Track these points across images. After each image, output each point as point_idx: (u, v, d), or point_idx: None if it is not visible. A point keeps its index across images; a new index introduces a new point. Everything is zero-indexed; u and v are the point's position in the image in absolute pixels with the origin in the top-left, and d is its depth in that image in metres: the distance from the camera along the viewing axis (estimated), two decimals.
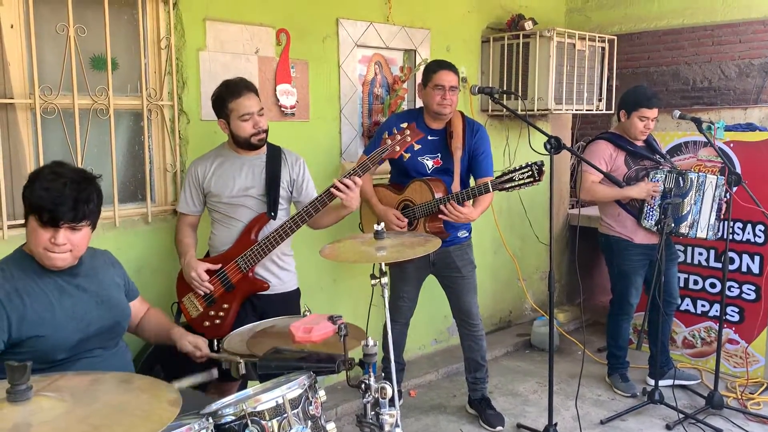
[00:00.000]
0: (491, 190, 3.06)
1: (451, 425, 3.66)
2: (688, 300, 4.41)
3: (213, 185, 2.88)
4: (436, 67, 3.30)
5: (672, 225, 3.66)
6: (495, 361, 4.52)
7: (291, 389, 1.83)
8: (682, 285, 4.37)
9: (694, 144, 4.34)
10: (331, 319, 2.16)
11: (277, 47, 3.54)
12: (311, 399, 1.89)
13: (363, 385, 2.01)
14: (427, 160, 3.35)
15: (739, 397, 3.87)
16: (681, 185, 3.64)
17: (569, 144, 5.29)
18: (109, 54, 2.95)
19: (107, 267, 2.29)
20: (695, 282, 4.39)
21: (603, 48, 4.76)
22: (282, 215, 2.93)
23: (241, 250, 2.83)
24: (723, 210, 3.69)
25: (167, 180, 3.26)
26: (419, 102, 4.24)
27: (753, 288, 4.13)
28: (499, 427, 3.56)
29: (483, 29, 4.66)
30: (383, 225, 2.50)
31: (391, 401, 2.03)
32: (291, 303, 3.00)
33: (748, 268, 4.14)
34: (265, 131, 2.86)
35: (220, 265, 2.84)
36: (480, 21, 4.63)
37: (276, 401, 1.80)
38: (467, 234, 3.54)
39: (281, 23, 3.53)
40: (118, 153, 3.08)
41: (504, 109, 3.58)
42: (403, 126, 2.72)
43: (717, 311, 4.22)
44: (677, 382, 3.93)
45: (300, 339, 2.13)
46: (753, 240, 4.10)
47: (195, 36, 3.23)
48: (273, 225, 2.86)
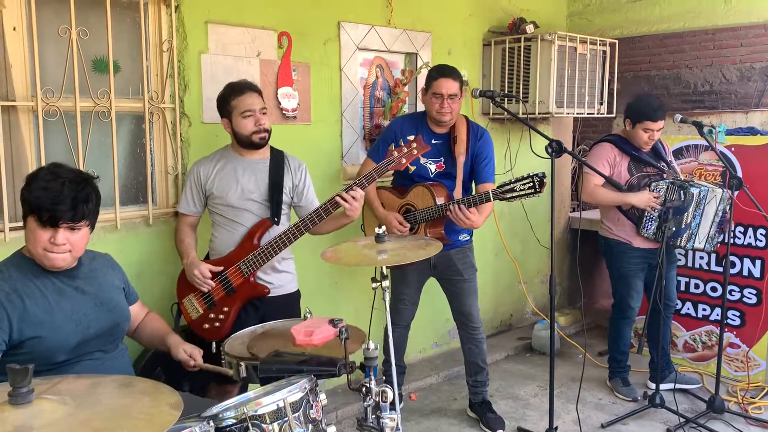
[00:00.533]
0: (492, 199, 3.08)
1: (452, 429, 3.66)
2: (689, 304, 4.41)
3: (215, 187, 2.89)
4: (436, 74, 3.30)
5: (672, 229, 3.65)
6: (496, 365, 4.52)
7: (292, 392, 1.83)
8: (683, 289, 4.37)
9: (695, 148, 4.34)
10: (332, 323, 2.15)
11: (279, 50, 3.55)
12: (312, 402, 1.89)
13: (364, 389, 2.01)
14: (430, 164, 3.35)
15: (740, 402, 3.87)
16: (683, 198, 3.63)
17: (570, 147, 5.29)
18: (111, 57, 2.95)
19: (107, 269, 2.30)
20: (696, 286, 4.38)
21: (604, 51, 4.76)
22: (284, 220, 2.94)
23: (244, 254, 2.83)
24: (725, 224, 3.67)
25: (168, 182, 3.26)
26: (420, 106, 4.26)
27: (754, 292, 4.13)
28: (500, 431, 3.55)
29: (484, 32, 4.66)
30: (384, 228, 2.50)
31: (392, 404, 2.03)
32: (292, 305, 3.01)
33: (749, 272, 4.13)
34: (268, 131, 2.87)
35: (222, 268, 2.85)
36: (481, 24, 4.64)
37: (277, 404, 1.79)
38: (468, 237, 3.54)
39: (283, 26, 3.54)
40: (119, 155, 3.08)
41: (505, 113, 3.58)
42: (410, 138, 2.74)
43: (718, 315, 4.22)
44: (678, 386, 3.92)
45: (301, 342, 2.12)
46: (754, 244, 4.10)
47: (197, 39, 3.24)
48: (275, 230, 2.87)
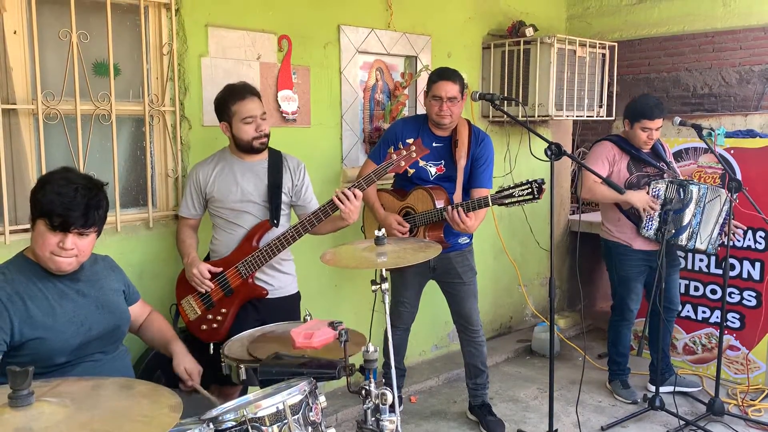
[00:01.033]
0: (490, 204, 3.08)
1: (452, 431, 3.66)
2: (688, 306, 4.41)
3: (215, 190, 2.89)
4: (435, 78, 3.32)
5: (672, 232, 3.66)
6: (495, 367, 4.52)
7: (291, 395, 1.83)
8: (682, 291, 4.36)
9: (694, 150, 4.35)
10: (332, 325, 2.16)
11: (279, 53, 3.55)
12: (312, 405, 1.89)
13: (363, 391, 2.01)
14: (431, 166, 3.36)
15: (740, 404, 3.87)
16: (682, 197, 3.64)
17: (570, 150, 5.30)
18: (112, 60, 2.96)
19: (108, 272, 2.31)
20: (696, 288, 4.39)
21: (603, 54, 4.77)
22: (283, 221, 2.94)
23: (242, 256, 2.84)
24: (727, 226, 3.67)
25: (169, 185, 3.26)
26: (420, 108, 4.27)
27: (754, 294, 4.13)
28: None
29: (484, 36, 4.67)
30: (384, 231, 2.51)
31: (392, 407, 2.03)
32: (292, 306, 3.01)
33: (748, 274, 4.14)
34: (267, 135, 2.87)
35: (221, 269, 2.85)
36: (481, 27, 4.65)
37: (276, 407, 1.79)
38: (468, 240, 3.54)
39: (283, 29, 3.55)
40: (119, 158, 3.09)
41: (505, 116, 3.57)
42: (410, 141, 2.75)
43: (718, 318, 4.22)
44: (678, 388, 3.93)
45: (300, 344, 2.13)
46: (754, 246, 4.10)
47: (197, 42, 3.24)
48: (275, 232, 2.88)
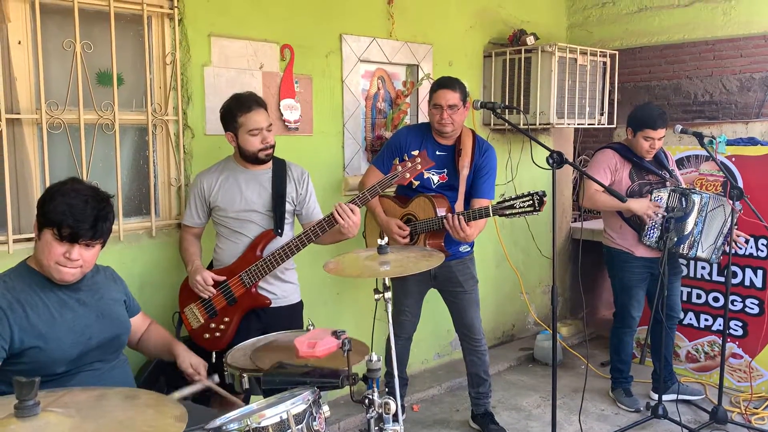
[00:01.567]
0: (491, 214, 3.09)
1: None
2: (691, 314, 4.40)
3: (219, 199, 2.90)
4: (436, 87, 3.34)
5: (674, 240, 3.66)
6: (498, 376, 4.51)
7: (295, 404, 1.83)
8: (685, 299, 4.36)
9: (696, 158, 4.35)
10: (335, 334, 2.16)
11: (281, 63, 3.57)
12: (315, 414, 1.89)
13: (367, 401, 2.01)
14: (433, 175, 3.36)
15: (744, 412, 3.86)
16: (684, 205, 3.64)
17: (571, 158, 5.31)
18: (115, 69, 2.97)
19: (109, 282, 2.32)
20: (698, 296, 4.38)
21: (604, 62, 4.79)
22: (287, 230, 2.95)
23: (246, 265, 2.84)
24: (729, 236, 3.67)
25: (171, 194, 3.27)
26: (422, 117, 4.29)
27: (756, 302, 4.13)
28: None
29: (485, 44, 4.69)
30: (387, 239, 2.51)
31: (395, 416, 2.03)
32: (295, 316, 3.01)
33: (751, 282, 4.13)
34: (272, 146, 2.88)
35: (224, 278, 2.86)
36: (482, 36, 4.66)
37: (280, 416, 1.79)
38: (469, 249, 3.54)
39: (285, 39, 3.57)
40: (123, 167, 3.10)
41: (506, 124, 3.59)
42: (415, 153, 2.77)
43: (720, 325, 4.22)
44: (681, 396, 3.92)
45: (304, 354, 2.13)
46: (756, 254, 4.10)
47: (200, 52, 3.26)
48: (278, 241, 2.88)
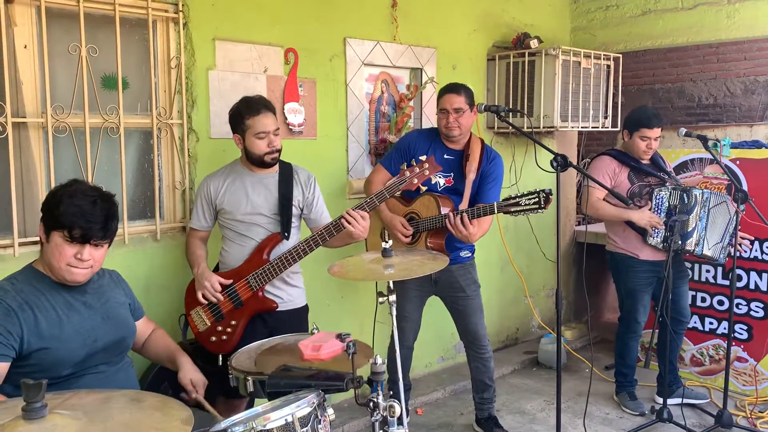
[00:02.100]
0: (496, 211, 3.08)
1: None
2: (696, 317, 4.39)
3: (226, 202, 2.90)
4: (442, 92, 3.37)
5: (679, 242, 3.66)
6: (502, 379, 4.50)
7: (300, 407, 1.83)
8: (689, 302, 4.35)
9: (700, 161, 4.35)
10: (340, 337, 2.16)
11: (286, 66, 3.58)
12: (320, 417, 1.89)
13: (371, 404, 2.01)
14: (439, 178, 3.36)
15: (749, 416, 3.85)
16: (686, 202, 3.65)
17: (575, 161, 5.30)
18: (120, 73, 2.99)
19: (114, 285, 2.33)
20: (703, 299, 4.38)
21: (608, 66, 4.79)
22: (294, 234, 2.95)
23: (253, 268, 2.84)
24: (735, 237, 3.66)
25: (176, 198, 3.28)
26: (426, 120, 4.30)
27: (761, 305, 4.12)
28: None
29: (489, 47, 4.70)
30: (391, 242, 2.51)
31: (400, 420, 2.03)
32: (300, 319, 3.02)
33: (756, 285, 4.12)
34: (279, 150, 2.89)
35: (231, 281, 2.86)
36: (486, 39, 4.67)
37: (285, 419, 1.79)
38: (470, 255, 3.52)
39: (289, 43, 3.58)
40: (128, 171, 3.11)
41: (510, 127, 3.60)
42: (422, 159, 2.77)
43: (725, 329, 4.20)
44: (686, 400, 3.91)
45: (308, 357, 2.13)
46: (761, 257, 4.09)
47: (204, 55, 3.27)
48: (285, 245, 2.89)
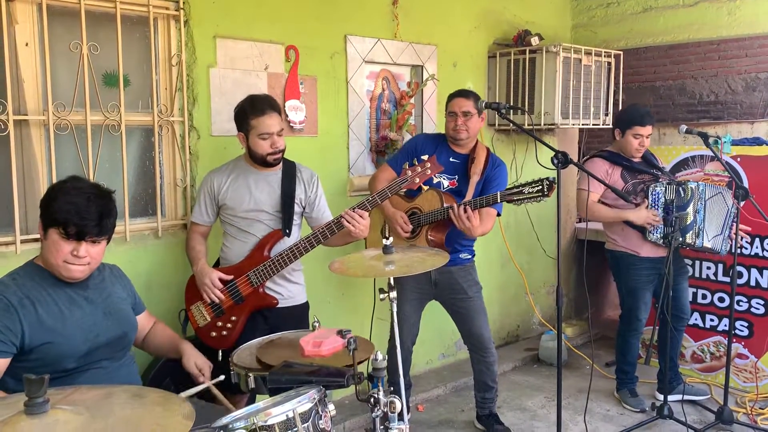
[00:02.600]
0: (499, 200, 3.08)
1: None
2: (696, 314, 4.40)
3: (228, 198, 2.91)
4: (451, 96, 3.40)
5: (680, 239, 3.66)
6: (503, 376, 4.51)
7: (301, 403, 1.84)
8: (690, 299, 4.34)
9: (701, 158, 4.35)
10: (341, 333, 2.17)
11: (286, 63, 3.58)
12: (321, 413, 1.90)
13: (372, 400, 2.01)
14: (444, 180, 3.37)
15: (749, 413, 3.85)
16: (682, 195, 3.66)
17: (576, 158, 5.30)
18: (121, 71, 2.99)
19: (115, 281, 2.34)
20: (704, 296, 4.38)
21: (609, 63, 4.79)
22: (295, 231, 2.96)
23: (254, 264, 2.85)
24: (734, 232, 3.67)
25: (177, 195, 3.29)
26: (427, 117, 4.30)
27: (762, 302, 4.12)
28: None
29: (489, 45, 4.69)
30: (391, 239, 2.52)
31: (400, 415, 2.04)
32: (301, 316, 3.03)
33: (756, 282, 4.13)
34: (282, 151, 2.89)
35: (231, 277, 2.87)
36: (486, 37, 4.67)
37: (286, 415, 1.80)
38: (470, 257, 3.52)
39: (290, 40, 3.58)
40: (129, 168, 3.11)
41: (511, 124, 3.59)
42: (424, 158, 2.77)
43: (726, 326, 4.21)
44: (686, 397, 3.92)
45: (309, 353, 2.13)
46: (762, 254, 4.09)
47: (205, 53, 3.28)
48: (286, 241, 2.90)
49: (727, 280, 4.20)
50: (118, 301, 2.28)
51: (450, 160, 3.37)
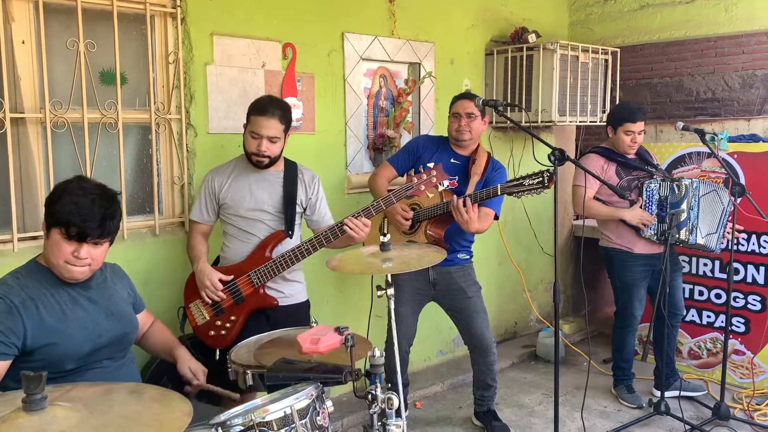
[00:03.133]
0: (499, 193, 3.09)
1: None
2: (693, 311, 4.41)
3: (229, 197, 2.90)
4: (455, 99, 3.42)
5: (676, 236, 3.67)
6: (501, 373, 4.49)
7: (299, 399, 1.85)
8: (687, 296, 4.37)
9: (697, 155, 4.36)
10: (338, 330, 2.17)
11: (284, 61, 3.58)
12: (319, 409, 1.91)
13: (370, 396, 2.02)
14: (444, 180, 3.37)
15: (746, 408, 3.87)
16: (676, 192, 3.67)
17: (573, 155, 5.31)
18: (118, 68, 2.99)
19: (117, 280, 2.33)
20: (700, 293, 4.39)
21: (606, 60, 4.79)
22: (296, 231, 2.96)
23: (255, 265, 2.84)
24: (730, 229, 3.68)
25: (175, 193, 3.29)
26: (424, 115, 4.30)
27: (758, 299, 4.13)
28: None
29: (487, 42, 4.70)
30: (389, 236, 2.52)
31: (398, 412, 2.04)
32: (301, 315, 3.01)
33: (753, 278, 4.14)
34: (269, 157, 2.82)
35: (232, 276, 2.86)
36: (484, 34, 4.67)
37: (284, 411, 1.81)
38: (468, 257, 3.53)
39: (287, 37, 3.58)
40: (126, 166, 3.11)
41: (508, 122, 3.60)
42: (430, 165, 2.78)
43: (722, 322, 4.22)
44: (683, 393, 3.93)
45: (307, 350, 2.14)
46: (758, 251, 4.10)
47: (202, 50, 3.27)
48: (288, 243, 2.89)
49: (724, 276, 4.20)
50: (120, 301, 2.27)
51: (451, 161, 3.39)
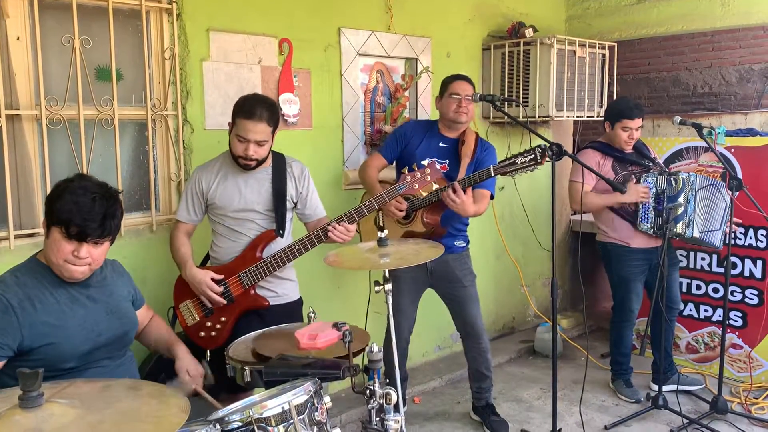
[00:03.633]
0: (492, 174, 3.08)
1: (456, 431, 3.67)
2: (691, 305, 4.42)
3: (218, 197, 2.83)
4: (452, 79, 3.40)
5: (674, 230, 3.67)
6: (499, 368, 4.52)
7: (297, 395, 1.84)
8: (684, 290, 4.38)
9: (695, 149, 4.36)
10: (336, 326, 2.17)
11: (280, 57, 3.57)
12: (317, 405, 1.90)
13: (368, 391, 2.02)
14: (436, 164, 3.37)
15: (744, 402, 3.88)
16: (673, 186, 3.67)
17: (571, 150, 5.31)
18: (114, 65, 2.98)
19: (116, 277, 2.31)
20: (698, 287, 4.40)
21: (603, 55, 4.79)
22: (288, 229, 2.92)
23: (245, 265, 2.80)
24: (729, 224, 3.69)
25: (171, 189, 3.28)
26: (421, 110, 4.29)
27: (756, 293, 4.14)
28: None
29: (484, 37, 4.69)
30: (386, 232, 2.52)
31: (396, 407, 2.04)
32: (294, 313, 2.97)
33: (750, 272, 4.15)
34: (256, 160, 2.76)
35: (222, 276, 2.81)
36: (481, 29, 4.66)
37: (282, 407, 1.80)
38: (464, 245, 3.53)
39: (284, 33, 3.57)
40: (122, 163, 3.10)
41: (505, 117, 3.59)
42: (425, 164, 2.76)
43: (720, 316, 4.23)
44: (681, 387, 3.94)
45: (305, 346, 2.14)
46: (755, 245, 4.11)
47: (199, 46, 3.26)
48: (279, 242, 2.85)
49: (722, 270, 4.21)
50: (120, 299, 2.26)
51: (440, 145, 3.38)
